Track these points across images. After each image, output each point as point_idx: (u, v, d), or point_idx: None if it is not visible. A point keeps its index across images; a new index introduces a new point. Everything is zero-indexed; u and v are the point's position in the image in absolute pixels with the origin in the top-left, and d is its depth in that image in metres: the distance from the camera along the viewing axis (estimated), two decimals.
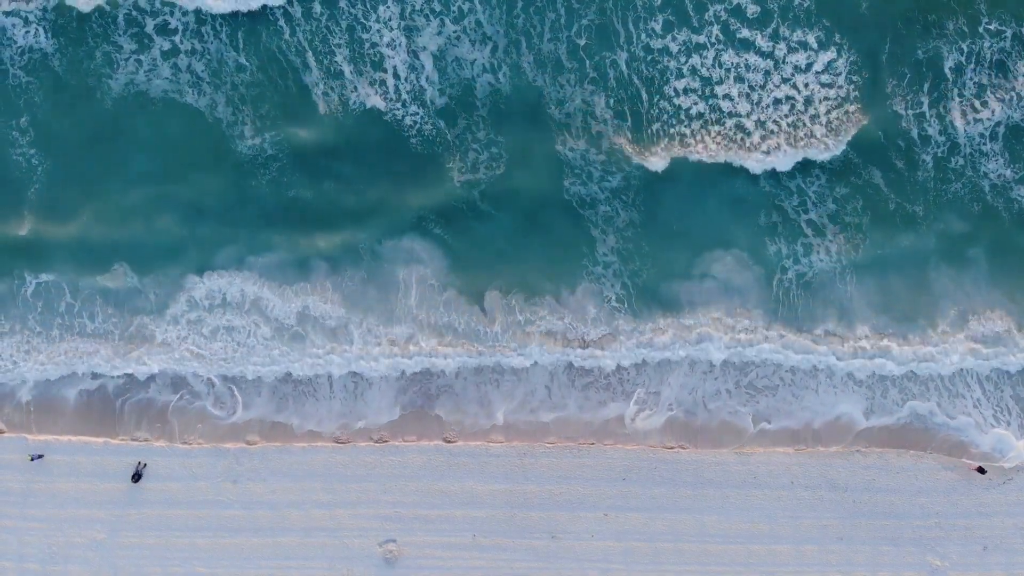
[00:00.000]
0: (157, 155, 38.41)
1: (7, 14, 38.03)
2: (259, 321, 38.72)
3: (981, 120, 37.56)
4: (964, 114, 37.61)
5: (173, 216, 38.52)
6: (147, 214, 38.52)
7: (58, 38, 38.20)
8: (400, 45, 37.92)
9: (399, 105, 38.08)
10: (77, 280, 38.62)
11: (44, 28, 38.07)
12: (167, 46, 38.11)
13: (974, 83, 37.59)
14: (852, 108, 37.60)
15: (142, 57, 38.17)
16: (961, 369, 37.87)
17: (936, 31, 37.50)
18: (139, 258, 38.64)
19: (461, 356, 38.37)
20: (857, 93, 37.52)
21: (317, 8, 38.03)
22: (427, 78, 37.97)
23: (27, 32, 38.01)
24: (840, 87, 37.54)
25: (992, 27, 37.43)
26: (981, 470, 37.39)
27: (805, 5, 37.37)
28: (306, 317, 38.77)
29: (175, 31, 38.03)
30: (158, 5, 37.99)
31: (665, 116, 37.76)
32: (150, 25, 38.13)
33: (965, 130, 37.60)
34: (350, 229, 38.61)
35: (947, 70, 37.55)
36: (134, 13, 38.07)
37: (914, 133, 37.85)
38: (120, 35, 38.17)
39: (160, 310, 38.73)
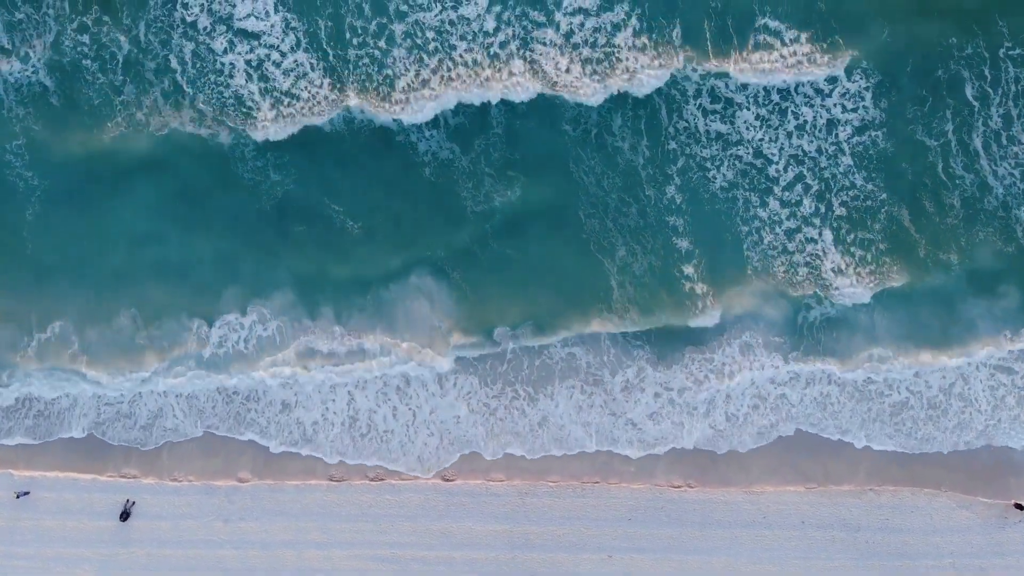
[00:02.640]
0: (158, 185, 37.26)
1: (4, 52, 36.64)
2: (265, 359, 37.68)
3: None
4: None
5: (176, 254, 37.38)
6: (151, 253, 37.44)
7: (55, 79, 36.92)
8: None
9: (412, 128, 36.80)
10: (84, 328, 37.58)
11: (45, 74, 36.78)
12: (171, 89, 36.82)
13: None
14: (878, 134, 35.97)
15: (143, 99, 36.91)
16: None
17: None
18: (145, 303, 37.66)
19: (474, 426, 37.75)
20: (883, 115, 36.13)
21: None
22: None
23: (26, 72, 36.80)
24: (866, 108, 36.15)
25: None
26: (1020, 506, 36.93)
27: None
28: (312, 353, 37.68)
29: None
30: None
31: (683, 137, 36.93)
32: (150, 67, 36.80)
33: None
34: (360, 258, 37.45)
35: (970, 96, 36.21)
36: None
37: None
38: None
39: (167, 348, 37.67)
